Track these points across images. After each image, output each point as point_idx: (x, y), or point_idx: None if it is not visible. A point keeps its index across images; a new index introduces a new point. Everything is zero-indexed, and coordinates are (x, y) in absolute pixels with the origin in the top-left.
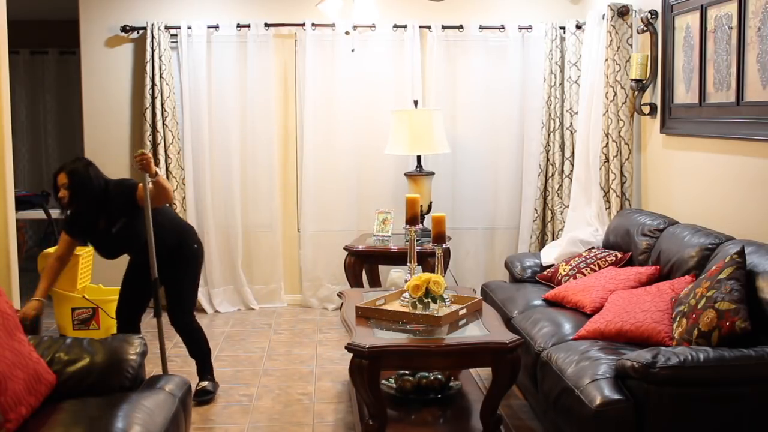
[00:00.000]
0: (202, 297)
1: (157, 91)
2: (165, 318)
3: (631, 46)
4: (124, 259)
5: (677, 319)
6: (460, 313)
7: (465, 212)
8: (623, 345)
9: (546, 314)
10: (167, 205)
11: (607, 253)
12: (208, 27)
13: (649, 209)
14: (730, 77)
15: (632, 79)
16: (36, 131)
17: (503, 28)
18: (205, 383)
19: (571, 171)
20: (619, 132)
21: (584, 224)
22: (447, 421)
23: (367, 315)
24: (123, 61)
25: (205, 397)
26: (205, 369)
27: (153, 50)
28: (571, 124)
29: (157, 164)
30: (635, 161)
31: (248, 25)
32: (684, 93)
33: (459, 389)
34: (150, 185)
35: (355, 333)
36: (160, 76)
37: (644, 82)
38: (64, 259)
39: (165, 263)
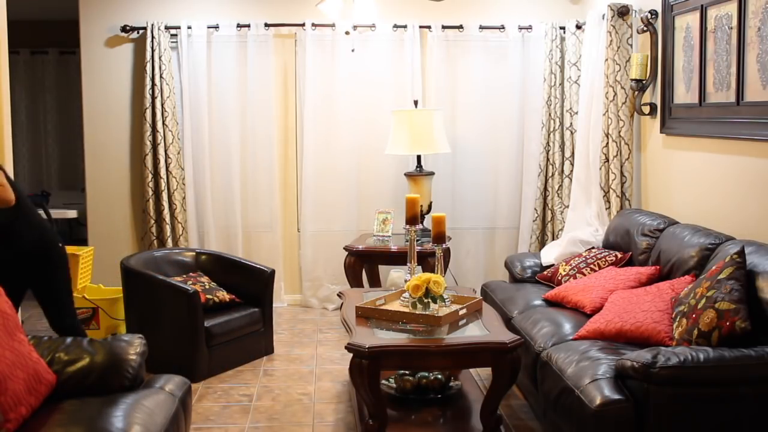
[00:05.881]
0: None
1: (157, 91)
2: None
3: (631, 46)
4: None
5: (677, 319)
6: (460, 313)
7: (465, 212)
8: (623, 345)
9: (546, 314)
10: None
11: (607, 253)
12: (208, 27)
13: (649, 209)
14: (730, 77)
15: (632, 79)
16: (36, 131)
17: (503, 28)
18: None
19: (571, 171)
20: (619, 132)
21: (584, 224)
22: (447, 421)
23: (367, 315)
24: (123, 61)
25: None
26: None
27: (153, 50)
28: (571, 124)
29: (157, 164)
30: (635, 161)
31: (248, 25)
32: (684, 93)
33: (459, 389)
34: None
35: (355, 333)
36: (160, 76)
37: (644, 82)
38: None
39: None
